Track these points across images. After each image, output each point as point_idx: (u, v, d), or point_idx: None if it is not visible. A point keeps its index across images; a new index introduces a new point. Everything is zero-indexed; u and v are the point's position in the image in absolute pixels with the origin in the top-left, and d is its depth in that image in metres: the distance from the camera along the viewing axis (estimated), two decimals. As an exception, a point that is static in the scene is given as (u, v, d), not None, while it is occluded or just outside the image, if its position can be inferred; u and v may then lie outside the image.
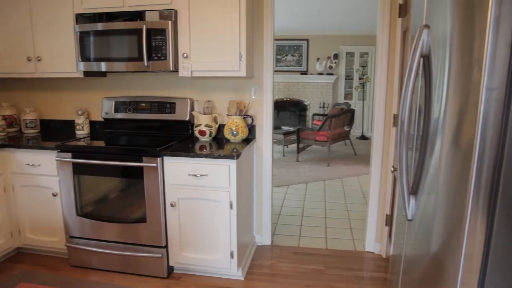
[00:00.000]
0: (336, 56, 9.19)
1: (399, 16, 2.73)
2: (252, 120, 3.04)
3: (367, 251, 3.15)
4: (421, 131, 1.47)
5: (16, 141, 2.93)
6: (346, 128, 6.98)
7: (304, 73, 9.45)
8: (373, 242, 3.13)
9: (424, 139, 1.41)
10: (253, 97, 3.04)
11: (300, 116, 9.62)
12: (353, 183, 5.24)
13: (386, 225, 3.01)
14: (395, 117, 2.82)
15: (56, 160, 2.70)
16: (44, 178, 2.81)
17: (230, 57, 2.64)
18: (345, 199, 4.54)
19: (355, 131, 9.34)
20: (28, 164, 2.82)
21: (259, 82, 3.02)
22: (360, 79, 9.26)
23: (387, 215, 2.99)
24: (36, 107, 3.52)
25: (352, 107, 9.06)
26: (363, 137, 8.91)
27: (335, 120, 6.46)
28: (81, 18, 2.87)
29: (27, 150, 2.81)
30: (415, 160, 1.52)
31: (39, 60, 3.00)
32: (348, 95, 9.44)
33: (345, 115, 6.80)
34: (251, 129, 3.05)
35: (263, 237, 3.27)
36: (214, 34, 2.65)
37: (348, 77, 9.39)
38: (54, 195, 2.81)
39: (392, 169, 2.12)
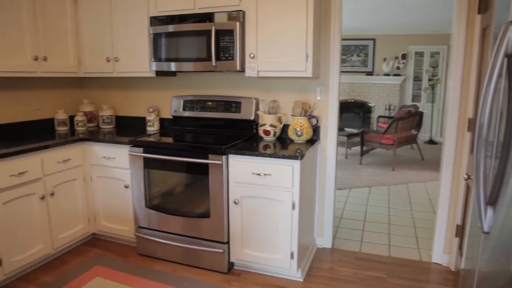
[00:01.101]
0: (404, 56, 8.81)
1: (478, 13, 2.54)
2: (317, 121, 3.01)
3: (434, 262, 2.98)
4: (502, 137, 1.36)
5: (94, 135, 3.17)
6: (413, 132, 6.66)
7: (370, 73, 9.17)
8: (441, 253, 2.96)
9: (506, 145, 1.31)
10: (318, 97, 3.01)
11: (364, 118, 9.35)
12: (420, 190, 4.99)
13: (456, 236, 2.83)
14: (470, 121, 2.63)
15: (129, 154, 2.88)
16: (118, 170, 3.01)
17: (296, 58, 2.64)
18: (410, 206, 4.34)
19: (423, 135, 8.88)
20: (104, 157, 3.04)
21: (324, 82, 2.99)
22: (429, 80, 8.78)
23: (457, 225, 2.81)
24: (112, 104, 3.78)
25: (420, 109, 8.62)
26: (431, 142, 8.44)
27: (401, 123, 6.20)
28: (154, 20, 3.03)
29: (104, 144, 3.03)
30: (494, 168, 1.42)
31: (116, 61, 3.21)
32: (416, 97, 9.00)
33: (413, 118, 6.50)
34: (316, 130, 3.02)
35: (324, 240, 3.23)
36: (280, 35, 2.66)
37: (417, 78, 8.95)
38: (126, 187, 3.00)
39: (466, 176, 1.99)
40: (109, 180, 3.08)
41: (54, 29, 3.14)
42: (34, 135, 3.22)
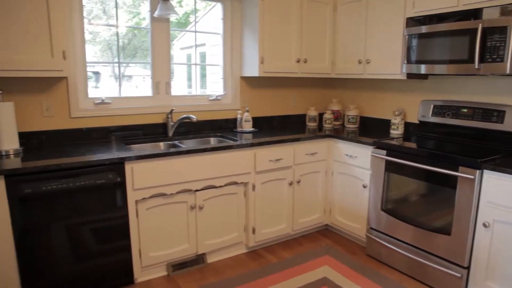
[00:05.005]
0: None
1: None
2: None
3: None
4: None
5: (339, 133, 3.37)
6: None
7: None
8: None
9: None
10: None
11: None
12: None
13: None
14: None
15: (372, 155, 2.92)
16: (358, 169, 3.11)
17: None
18: None
19: None
20: (347, 155, 3.19)
21: None
22: None
23: None
24: (358, 105, 3.91)
25: None
26: None
27: None
28: (410, 21, 2.94)
29: (348, 142, 3.18)
30: None
31: (368, 63, 3.30)
32: None
33: None
34: None
35: None
36: None
37: None
38: (364, 186, 3.06)
39: None
40: (348, 177, 3.22)
41: (315, 34, 3.49)
42: (289, 127, 3.72)
